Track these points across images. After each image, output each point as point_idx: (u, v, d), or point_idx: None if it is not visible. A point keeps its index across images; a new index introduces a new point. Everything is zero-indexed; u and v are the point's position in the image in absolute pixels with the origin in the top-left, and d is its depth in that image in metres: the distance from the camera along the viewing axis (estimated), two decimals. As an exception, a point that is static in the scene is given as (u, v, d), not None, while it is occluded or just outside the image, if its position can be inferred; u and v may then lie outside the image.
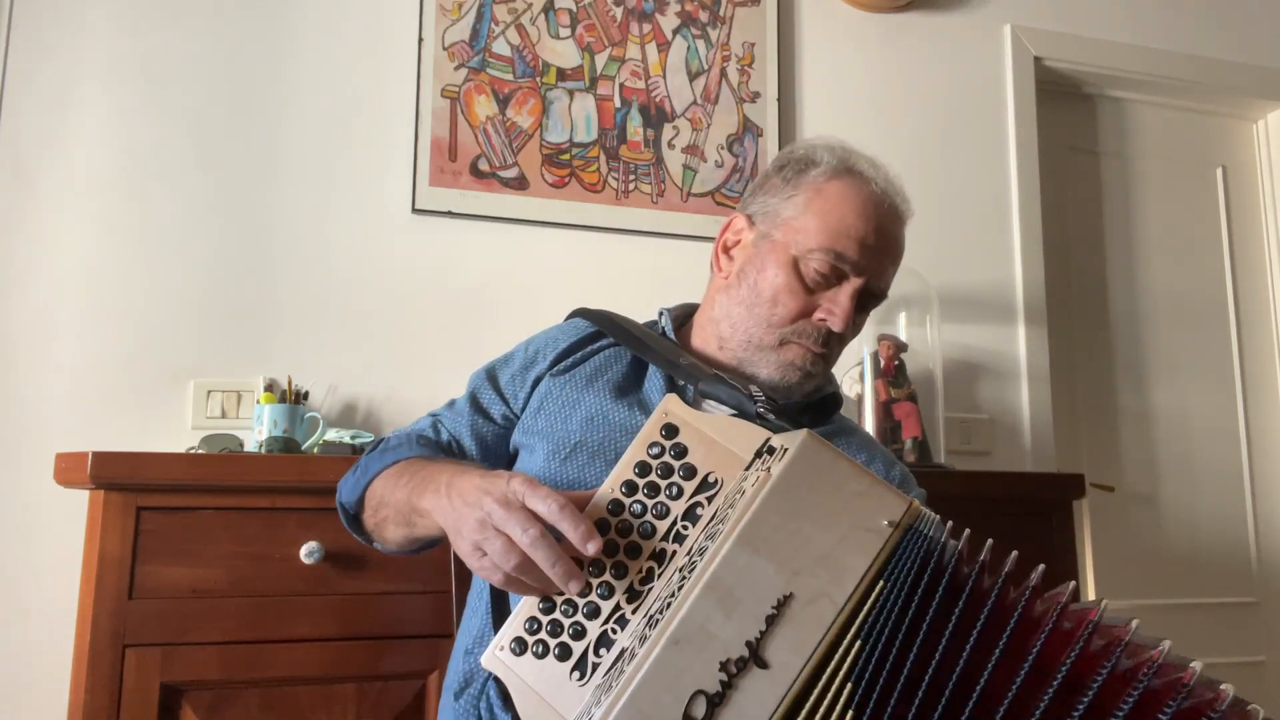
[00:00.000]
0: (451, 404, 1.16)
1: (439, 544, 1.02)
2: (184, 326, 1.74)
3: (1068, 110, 2.52)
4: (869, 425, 1.89)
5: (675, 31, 2.10)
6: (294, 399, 1.65)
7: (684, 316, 1.22)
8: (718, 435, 0.76)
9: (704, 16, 2.12)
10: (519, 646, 0.74)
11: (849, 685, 0.64)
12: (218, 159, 1.80)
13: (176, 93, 1.80)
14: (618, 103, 2.04)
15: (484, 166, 1.93)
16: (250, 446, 1.63)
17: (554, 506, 0.74)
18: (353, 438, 1.63)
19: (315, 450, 1.62)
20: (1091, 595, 2.29)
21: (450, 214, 1.90)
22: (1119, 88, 2.54)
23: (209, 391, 1.72)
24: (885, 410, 1.89)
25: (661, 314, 1.20)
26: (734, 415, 0.82)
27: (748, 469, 0.73)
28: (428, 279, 1.88)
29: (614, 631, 0.72)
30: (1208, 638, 2.37)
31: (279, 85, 1.86)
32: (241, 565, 1.35)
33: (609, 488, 0.77)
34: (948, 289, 2.17)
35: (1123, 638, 0.63)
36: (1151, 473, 2.43)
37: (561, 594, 0.74)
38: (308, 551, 1.35)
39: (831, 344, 1.09)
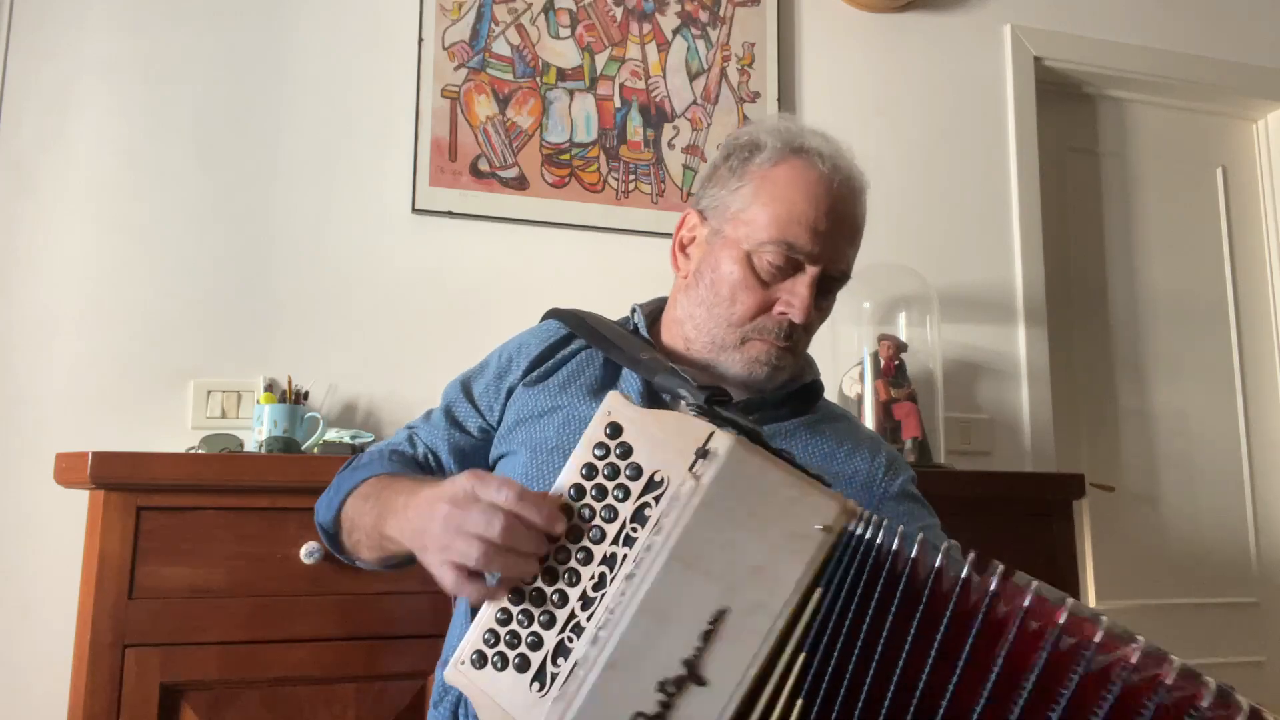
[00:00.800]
0: (428, 415, 1.15)
1: (415, 562, 1.01)
2: (184, 326, 1.74)
3: (1068, 110, 2.52)
4: (869, 425, 1.89)
5: (675, 31, 2.10)
6: (294, 399, 1.65)
7: (657, 312, 1.19)
8: (662, 432, 0.72)
9: (704, 16, 2.12)
10: (479, 659, 0.72)
11: (797, 700, 0.63)
12: (218, 159, 1.80)
13: (176, 93, 1.80)
14: (618, 103, 2.04)
15: (484, 166, 1.93)
16: (250, 446, 1.63)
17: (510, 495, 0.72)
18: (353, 438, 1.63)
19: (315, 450, 1.62)
20: (1092, 595, 2.29)
21: (450, 214, 1.90)
22: (1119, 88, 2.54)
23: (209, 391, 1.72)
24: (885, 410, 1.89)
25: (634, 310, 1.17)
26: (687, 408, 0.79)
27: (691, 469, 0.70)
28: (427, 279, 1.88)
29: (570, 640, 0.69)
30: (1208, 638, 2.37)
31: (279, 85, 1.86)
32: (241, 565, 1.35)
33: (556, 493, 0.74)
34: (948, 289, 2.17)
35: (1092, 635, 0.60)
36: (1151, 473, 2.43)
37: (530, 584, 0.72)
38: (308, 551, 1.35)
39: (796, 335, 1.06)
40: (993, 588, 0.63)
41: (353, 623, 1.37)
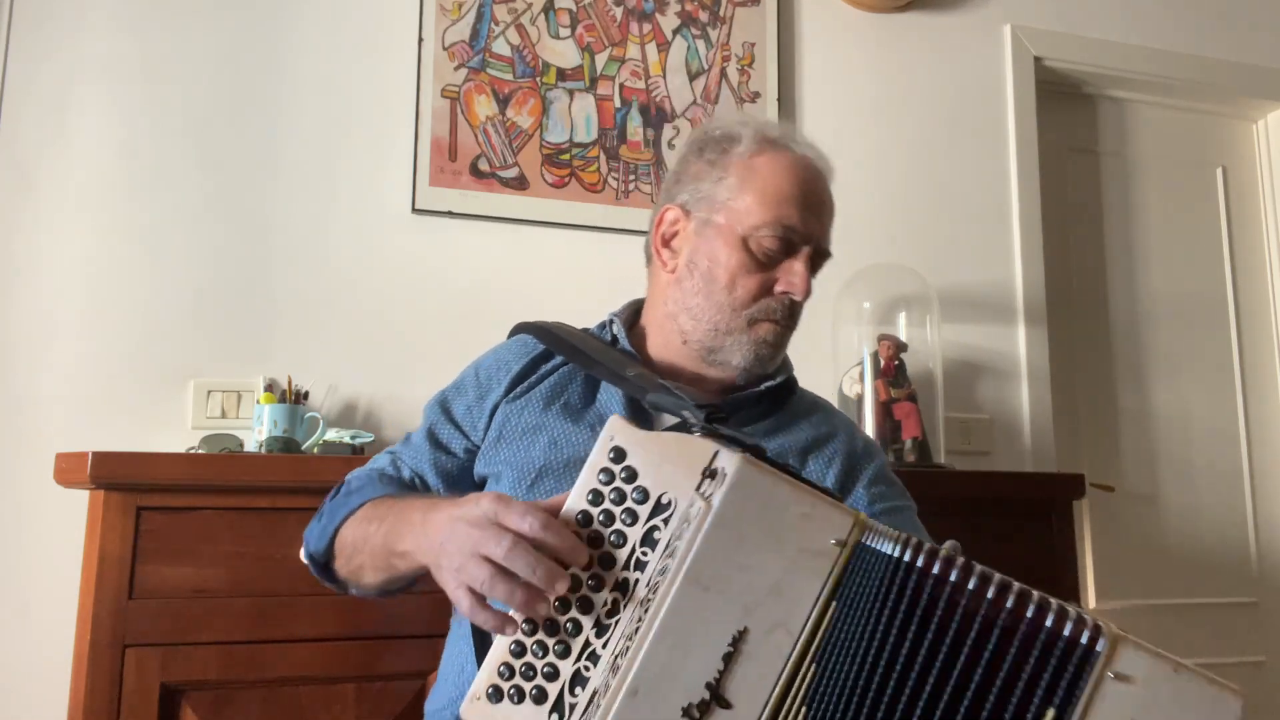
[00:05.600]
0: (408, 439, 1.14)
1: (416, 584, 0.98)
2: (184, 326, 1.74)
3: (1068, 110, 2.52)
4: (869, 426, 1.89)
5: (675, 31, 2.10)
6: (294, 399, 1.65)
7: (634, 316, 1.20)
8: (666, 454, 0.72)
9: (704, 16, 2.12)
10: (495, 694, 0.71)
11: (804, 709, 0.64)
12: (217, 159, 1.80)
13: (176, 93, 1.80)
14: (618, 103, 2.04)
15: (484, 166, 1.93)
16: (250, 446, 1.63)
17: (535, 523, 0.71)
18: (353, 438, 1.63)
19: (315, 450, 1.62)
20: (1091, 595, 2.29)
21: (450, 214, 1.90)
22: (1119, 88, 2.54)
23: (209, 391, 1.72)
24: (885, 410, 1.89)
25: (612, 320, 1.17)
26: (688, 425, 0.79)
27: (698, 489, 0.70)
28: (428, 279, 1.88)
29: (586, 669, 0.69)
30: (1208, 638, 2.37)
31: (279, 85, 1.86)
32: (241, 565, 1.35)
33: (565, 519, 0.74)
34: (948, 289, 2.17)
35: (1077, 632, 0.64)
36: (1151, 473, 2.43)
37: (542, 614, 0.71)
38: (308, 551, 1.35)
39: (796, 314, 1.10)
40: (990, 595, 0.65)
41: (353, 623, 1.37)
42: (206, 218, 1.78)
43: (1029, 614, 0.64)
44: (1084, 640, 0.64)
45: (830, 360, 1.99)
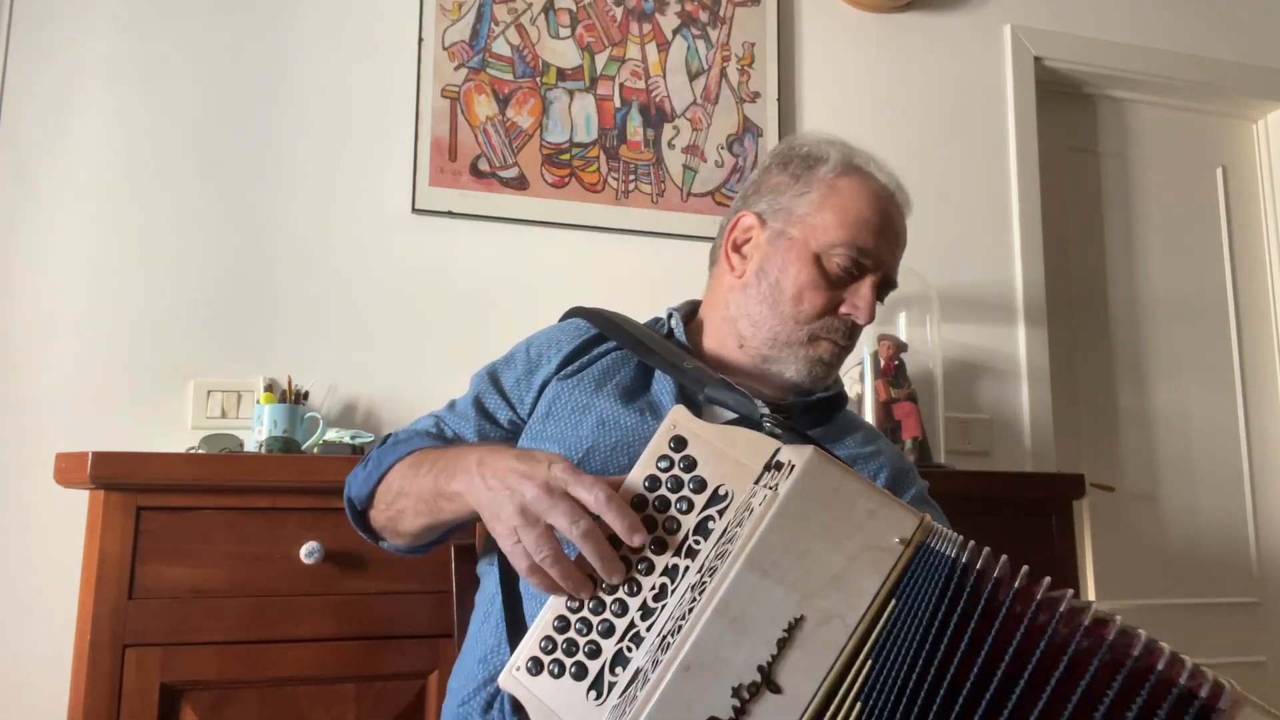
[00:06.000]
0: (452, 405, 1.14)
1: (451, 537, 1.00)
2: (184, 326, 1.74)
3: (1068, 110, 2.52)
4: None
5: (675, 31, 2.10)
6: (294, 399, 1.65)
7: (690, 315, 1.20)
8: (727, 446, 0.74)
9: (704, 16, 2.12)
10: (535, 666, 0.73)
11: (857, 704, 0.63)
12: (218, 159, 1.80)
13: (176, 93, 1.80)
14: (618, 103, 2.04)
15: (484, 166, 1.93)
16: (250, 446, 1.63)
17: (600, 496, 0.73)
18: (353, 438, 1.63)
19: (315, 450, 1.62)
20: (1092, 595, 2.29)
21: (450, 214, 1.90)
22: (1119, 88, 2.54)
23: (209, 391, 1.72)
24: (885, 410, 1.89)
25: (671, 314, 1.18)
26: (739, 422, 0.80)
27: (757, 482, 0.72)
28: (428, 279, 1.88)
29: (629, 650, 0.70)
30: (1208, 638, 2.37)
31: (279, 85, 1.86)
32: (241, 565, 1.35)
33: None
34: (948, 289, 2.17)
35: (1155, 665, 0.62)
36: (1151, 473, 2.43)
37: (589, 594, 0.73)
38: (308, 551, 1.35)
39: (854, 337, 1.11)
40: (1062, 608, 0.64)
41: (353, 623, 1.37)
42: (206, 218, 1.78)
43: (1135, 652, 0.62)
44: (1203, 694, 0.60)
45: (830, 360, 1.99)
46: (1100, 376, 2.44)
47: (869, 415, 1.90)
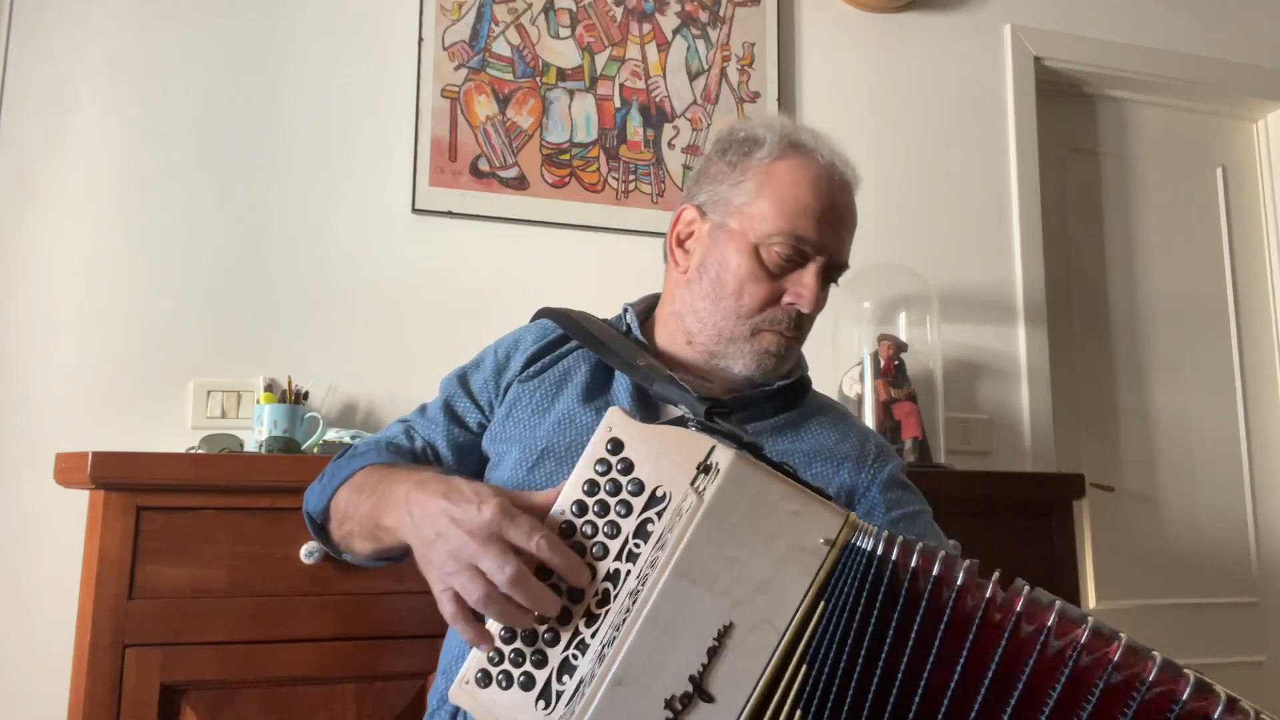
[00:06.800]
0: (423, 409, 1.14)
1: (406, 558, 0.99)
2: (184, 326, 1.74)
3: (1068, 110, 2.52)
4: (869, 425, 1.88)
5: (675, 31, 2.10)
6: (294, 399, 1.65)
7: (648, 310, 1.19)
8: (664, 447, 0.72)
9: (704, 16, 2.12)
10: (484, 678, 0.72)
11: (797, 711, 0.64)
12: (218, 159, 1.80)
13: (176, 93, 1.80)
14: (618, 103, 2.04)
15: (484, 166, 1.93)
16: (250, 446, 1.63)
17: (542, 544, 0.70)
18: (352, 438, 1.63)
19: (315, 450, 1.62)
20: (1092, 595, 2.29)
21: (450, 214, 1.90)
22: (1119, 88, 2.54)
23: (209, 391, 1.72)
24: (885, 410, 1.89)
25: (626, 310, 1.17)
26: (685, 419, 0.79)
27: (692, 483, 0.70)
28: (428, 279, 1.88)
29: (575, 658, 0.69)
30: (1208, 638, 2.37)
31: (279, 85, 1.86)
32: (241, 565, 1.34)
33: (559, 510, 0.74)
34: (948, 289, 2.17)
35: (1079, 638, 0.61)
36: (1151, 473, 2.43)
37: (529, 624, 0.71)
38: (308, 551, 1.35)
39: (802, 326, 1.08)
40: (988, 594, 0.64)
41: (353, 623, 1.37)
42: (206, 218, 1.78)
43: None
44: (1216, 716, 0.58)
45: (830, 360, 1.99)
46: (1100, 376, 2.44)
47: (869, 415, 1.90)
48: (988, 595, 0.64)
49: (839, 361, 1.99)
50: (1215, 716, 0.58)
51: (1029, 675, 0.62)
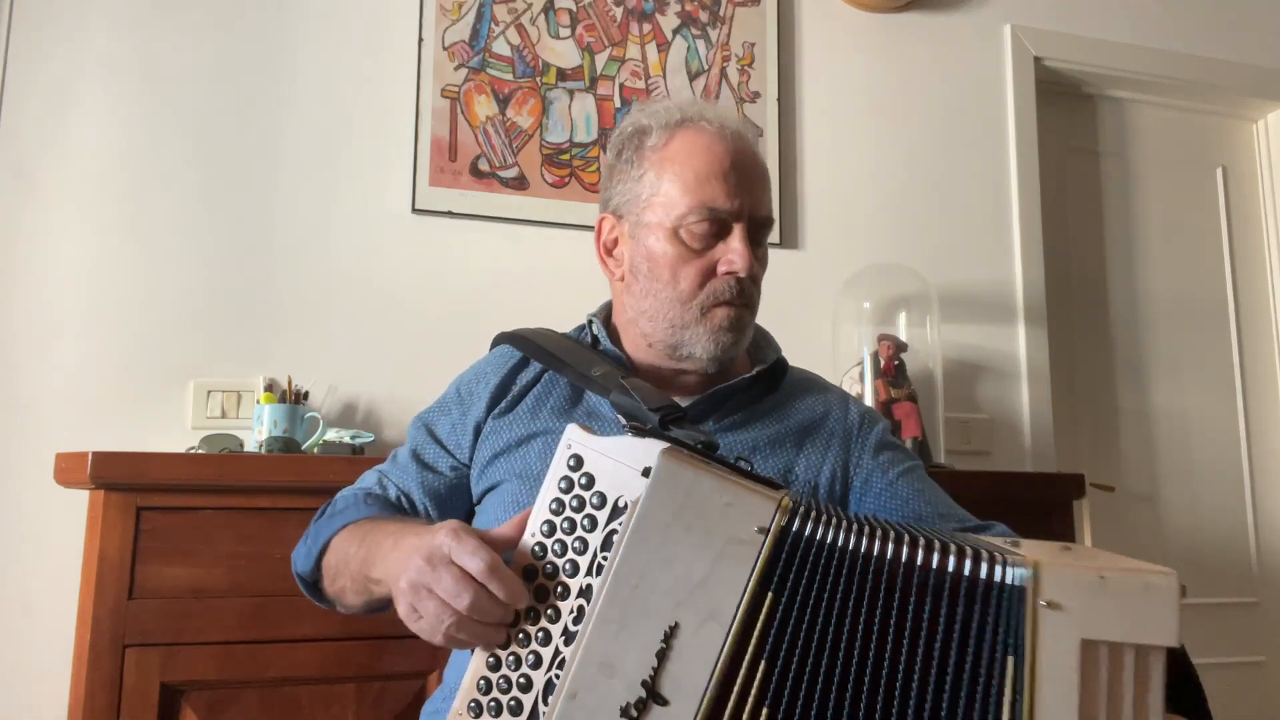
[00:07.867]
0: (394, 457, 1.14)
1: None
2: (184, 326, 1.74)
3: (1068, 110, 2.52)
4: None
5: (675, 31, 2.10)
6: (294, 399, 1.65)
7: (609, 317, 1.19)
8: (620, 456, 0.72)
9: (704, 16, 2.12)
10: (476, 708, 0.72)
11: (762, 708, 0.64)
12: (218, 159, 1.80)
13: (176, 93, 1.80)
14: (618, 103, 2.04)
15: (484, 166, 1.93)
16: (250, 446, 1.63)
17: (481, 566, 0.72)
18: (353, 437, 1.63)
19: (315, 450, 1.62)
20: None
21: (450, 214, 1.90)
22: (1119, 88, 2.54)
23: (209, 391, 1.72)
24: (885, 410, 1.89)
25: (591, 321, 1.17)
26: (638, 429, 0.81)
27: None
28: (428, 279, 1.88)
29: (557, 677, 0.70)
30: (1208, 638, 2.37)
31: (279, 85, 1.86)
32: (241, 565, 1.35)
33: (530, 533, 0.75)
34: (948, 289, 2.17)
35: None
36: (1151, 473, 2.43)
37: (504, 641, 0.73)
38: (308, 551, 1.35)
39: (748, 291, 1.07)
40: (919, 560, 0.66)
41: (353, 623, 1.36)
42: (206, 218, 1.78)
43: (949, 567, 0.65)
44: (1010, 580, 0.64)
45: (830, 360, 1.99)
46: (1100, 376, 2.44)
47: (869, 415, 1.90)
48: (919, 561, 0.66)
49: (839, 361, 1.99)
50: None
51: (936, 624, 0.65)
